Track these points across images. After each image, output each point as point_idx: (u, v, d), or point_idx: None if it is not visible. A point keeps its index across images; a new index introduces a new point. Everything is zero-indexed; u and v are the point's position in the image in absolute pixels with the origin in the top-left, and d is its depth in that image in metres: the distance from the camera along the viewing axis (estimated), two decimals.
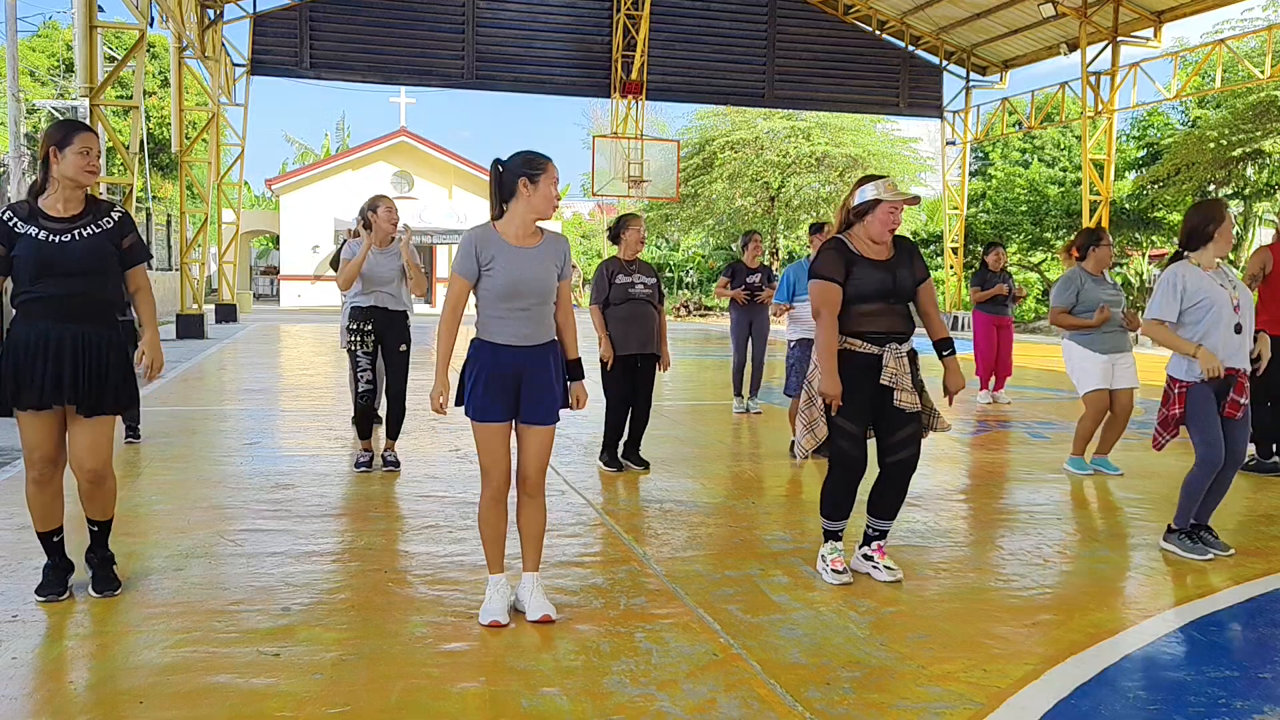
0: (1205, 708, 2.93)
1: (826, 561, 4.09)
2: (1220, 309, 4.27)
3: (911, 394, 3.89)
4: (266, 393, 9.93)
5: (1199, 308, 4.30)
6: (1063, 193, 30.38)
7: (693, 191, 32.63)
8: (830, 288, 3.92)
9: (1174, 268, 4.39)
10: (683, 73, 23.73)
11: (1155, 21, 20.18)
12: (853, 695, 2.96)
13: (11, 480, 5.71)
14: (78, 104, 22.96)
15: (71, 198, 3.63)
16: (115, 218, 3.70)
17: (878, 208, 3.94)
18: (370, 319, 5.99)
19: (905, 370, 3.90)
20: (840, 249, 3.97)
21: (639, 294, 6.04)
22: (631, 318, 6.01)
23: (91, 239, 3.60)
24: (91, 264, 3.58)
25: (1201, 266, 4.39)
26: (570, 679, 3.04)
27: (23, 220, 3.56)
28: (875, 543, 4.14)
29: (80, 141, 3.57)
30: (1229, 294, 4.31)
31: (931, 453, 7.37)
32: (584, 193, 37.00)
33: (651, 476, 6.17)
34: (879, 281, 3.92)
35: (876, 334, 3.92)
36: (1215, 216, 4.37)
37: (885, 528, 4.13)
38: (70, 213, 3.62)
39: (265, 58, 21.93)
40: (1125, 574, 4.31)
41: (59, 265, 3.52)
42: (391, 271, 5.97)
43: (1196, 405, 4.33)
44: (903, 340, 3.97)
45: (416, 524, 4.85)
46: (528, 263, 3.44)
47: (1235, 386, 4.32)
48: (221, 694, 2.89)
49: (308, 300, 33.08)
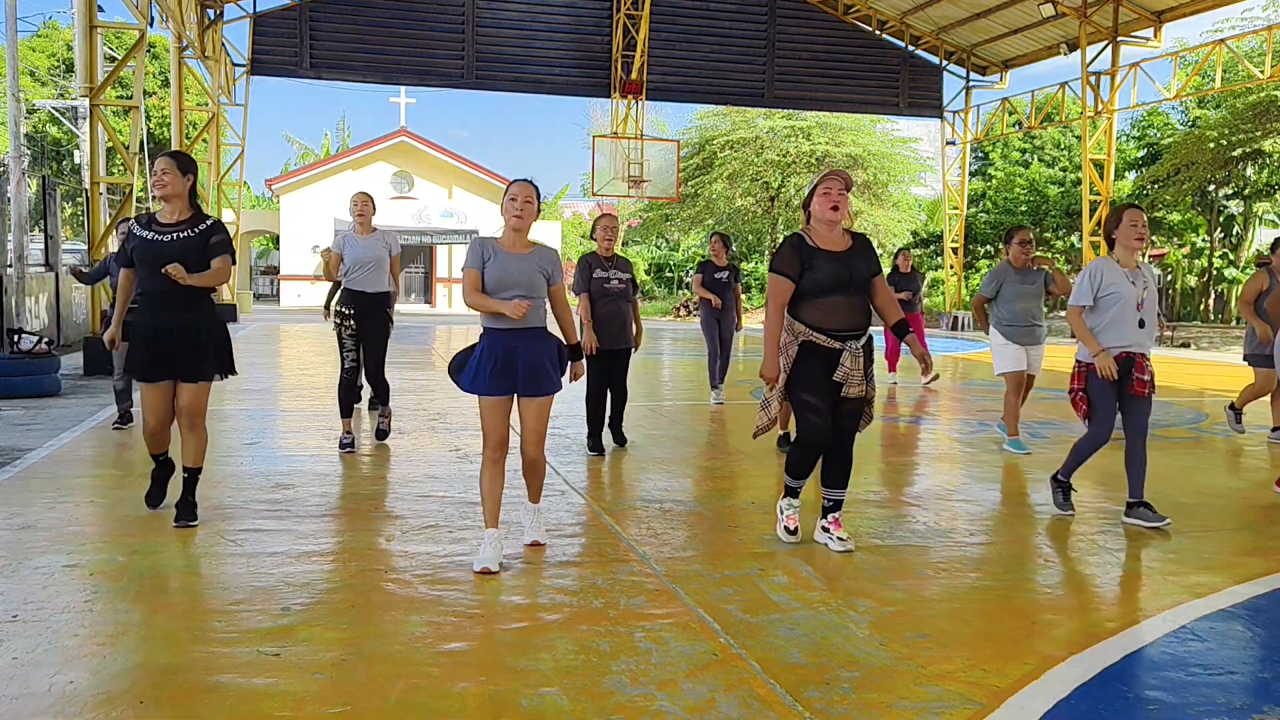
0: (1205, 708, 2.93)
1: (783, 516, 4.64)
2: (1126, 302, 4.91)
3: (859, 388, 4.34)
4: (266, 393, 9.93)
5: (1109, 298, 4.93)
6: (1063, 193, 30.40)
7: (693, 191, 32.63)
8: (783, 282, 4.35)
9: (1096, 261, 5.05)
10: (683, 73, 23.74)
11: (1155, 21, 20.20)
12: (852, 695, 2.96)
13: (12, 480, 5.72)
14: (78, 104, 22.98)
15: (174, 207, 4.63)
16: (208, 223, 4.65)
17: (815, 192, 4.40)
18: (353, 305, 6.71)
19: (859, 367, 4.33)
20: (798, 244, 4.37)
21: (614, 290, 6.64)
22: (608, 315, 6.63)
23: (186, 240, 4.57)
24: (186, 262, 4.49)
25: (1120, 263, 4.98)
26: (570, 679, 3.04)
27: (141, 226, 4.64)
28: (831, 515, 4.57)
29: (156, 166, 4.63)
30: (1138, 292, 4.92)
31: (932, 452, 7.38)
32: (584, 193, 37.04)
33: (651, 476, 6.18)
34: (835, 273, 4.29)
35: (837, 331, 4.32)
36: (1115, 222, 5.00)
37: (838, 498, 4.57)
38: (175, 219, 4.63)
39: (265, 58, 21.95)
40: (1125, 574, 4.31)
41: (160, 261, 4.46)
42: (372, 256, 6.71)
43: (1095, 386, 4.99)
44: (859, 336, 4.37)
45: (416, 524, 4.85)
46: (515, 264, 4.13)
47: (1136, 366, 4.94)
48: (221, 694, 2.89)
49: (308, 300, 33.05)
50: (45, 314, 14.11)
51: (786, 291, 4.34)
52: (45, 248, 15.04)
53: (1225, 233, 27.54)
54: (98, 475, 5.97)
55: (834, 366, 4.30)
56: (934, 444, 7.70)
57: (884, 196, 32.45)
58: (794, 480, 4.59)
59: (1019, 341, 7.15)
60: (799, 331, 4.35)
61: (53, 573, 3.94)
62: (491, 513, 4.12)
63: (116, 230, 8.03)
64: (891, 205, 32.79)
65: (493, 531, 4.12)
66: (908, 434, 8.17)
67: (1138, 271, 4.97)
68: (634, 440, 7.46)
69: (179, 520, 4.66)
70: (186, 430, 4.70)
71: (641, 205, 36.55)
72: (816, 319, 4.30)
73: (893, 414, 9.34)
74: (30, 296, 13.40)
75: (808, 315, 4.32)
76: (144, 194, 24.88)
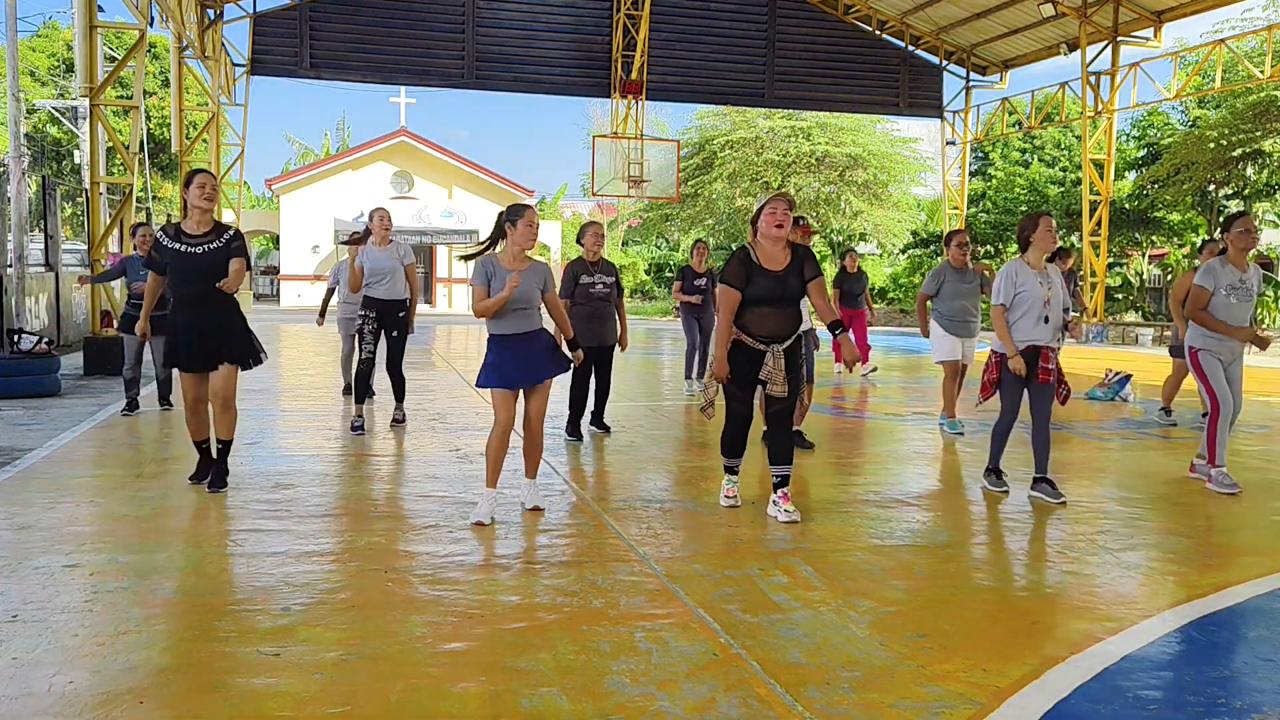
0: (1205, 708, 2.93)
1: (723, 490, 5.35)
2: (1034, 301, 5.47)
3: (781, 386, 4.97)
4: (266, 393, 9.93)
5: (1021, 298, 5.49)
6: (1063, 193, 30.37)
7: (693, 191, 32.62)
8: (731, 293, 4.94)
9: (1010, 264, 5.61)
10: (683, 73, 23.72)
11: (1155, 21, 20.19)
12: (852, 695, 2.96)
13: (12, 480, 5.72)
14: (78, 104, 22.96)
15: (201, 220, 5.27)
16: (231, 233, 5.33)
17: (763, 211, 4.96)
18: (375, 308, 7.48)
19: (780, 367, 4.97)
20: (745, 259, 4.96)
21: (598, 293, 7.22)
22: (592, 316, 7.22)
23: (216, 251, 5.25)
24: (216, 270, 5.22)
25: (1031, 265, 5.54)
26: (570, 679, 3.04)
27: (170, 238, 5.24)
28: (780, 490, 5.11)
29: (196, 181, 5.25)
30: (1044, 292, 5.47)
31: (932, 452, 7.37)
32: (584, 193, 37.04)
33: (651, 476, 6.19)
34: (769, 289, 4.92)
35: (763, 336, 4.97)
36: (1030, 227, 5.54)
37: (784, 473, 5.11)
38: (201, 231, 5.26)
39: (265, 58, 21.93)
40: (1125, 574, 4.31)
41: (192, 270, 5.19)
42: (387, 267, 7.45)
43: (1007, 376, 5.57)
44: (784, 341, 5.00)
45: (416, 524, 4.85)
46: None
47: (1042, 357, 5.47)
48: (222, 694, 2.89)
49: (308, 300, 33.01)
50: (45, 314, 14.11)
51: (735, 300, 4.94)
52: (45, 248, 15.03)
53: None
54: (98, 475, 5.97)
55: (759, 365, 4.96)
56: (934, 444, 7.70)
57: (884, 196, 32.44)
58: (728, 459, 5.30)
59: (955, 334, 7.99)
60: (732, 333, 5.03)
61: (53, 573, 3.94)
62: (493, 475, 4.94)
63: (133, 235, 8.65)
64: (891, 205, 32.79)
65: (491, 492, 4.94)
66: (908, 434, 8.17)
67: (1045, 273, 5.55)
68: (634, 440, 7.46)
69: (213, 486, 5.39)
70: (220, 411, 5.40)
71: (641, 205, 36.55)
72: (746, 323, 4.98)
73: (893, 414, 9.34)
74: (30, 296, 13.40)
75: (740, 320, 4.98)
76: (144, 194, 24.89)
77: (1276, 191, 25.34)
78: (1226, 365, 5.94)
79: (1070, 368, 14.68)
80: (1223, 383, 5.90)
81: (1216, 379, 5.88)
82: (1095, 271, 21.75)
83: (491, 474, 4.94)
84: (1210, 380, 5.90)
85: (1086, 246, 21.94)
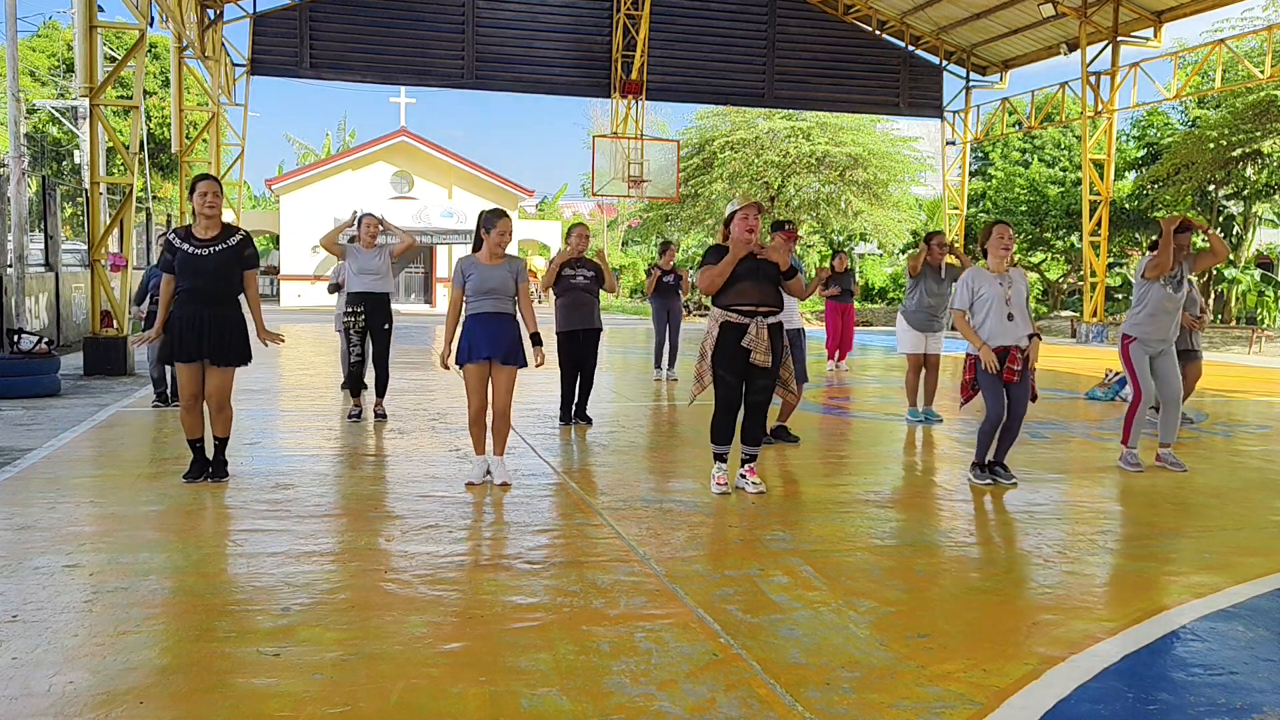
0: (1205, 708, 2.93)
1: (713, 478, 5.64)
2: (994, 301, 5.75)
3: (765, 355, 5.32)
4: (266, 393, 9.93)
5: (981, 300, 5.81)
6: (1063, 192, 30.37)
7: (693, 191, 32.57)
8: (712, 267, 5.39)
9: (969, 270, 5.96)
10: (683, 73, 23.69)
11: (1155, 21, 20.18)
12: (852, 695, 2.96)
13: (12, 480, 5.72)
14: (78, 104, 22.96)
15: (209, 226, 5.52)
16: (239, 238, 5.58)
17: (736, 217, 5.40)
18: (361, 304, 7.90)
19: (764, 338, 5.33)
20: (720, 248, 5.45)
21: (579, 284, 8.04)
22: (575, 304, 7.98)
23: (221, 253, 5.50)
24: (221, 270, 5.48)
25: (990, 270, 5.86)
26: (570, 679, 3.04)
27: (181, 240, 5.51)
28: (747, 465, 5.68)
29: (199, 190, 5.44)
30: (1003, 291, 5.76)
31: (931, 452, 7.37)
32: (584, 193, 37.00)
33: (651, 476, 6.19)
34: (745, 268, 5.35)
35: (746, 308, 5.35)
36: (984, 236, 5.95)
37: (752, 452, 5.68)
38: (209, 235, 5.51)
39: (265, 58, 21.92)
40: (1125, 574, 4.31)
41: (200, 270, 5.43)
42: (373, 266, 7.92)
43: (982, 374, 5.78)
44: (769, 315, 5.38)
45: (416, 524, 4.85)
46: (492, 273, 5.63)
47: (1010, 358, 5.72)
48: (222, 694, 2.89)
49: (308, 300, 33.03)
50: (45, 314, 14.11)
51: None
52: (45, 248, 15.02)
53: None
54: (97, 475, 5.97)
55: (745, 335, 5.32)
56: (934, 444, 7.70)
57: (884, 196, 32.40)
58: (719, 447, 5.63)
59: (919, 329, 8.57)
60: (718, 315, 5.43)
61: (53, 573, 3.94)
62: (478, 446, 5.79)
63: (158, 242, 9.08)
64: (891, 205, 32.74)
65: (480, 457, 5.78)
66: (907, 433, 8.17)
67: (1005, 275, 5.84)
68: (633, 440, 7.46)
69: (214, 478, 5.66)
70: (215, 411, 5.63)
71: (641, 205, 36.51)
72: (730, 300, 5.39)
73: (893, 414, 9.34)
74: (30, 297, 13.40)
75: (724, 299, 5.41)
76: (144, 194, 24.88)
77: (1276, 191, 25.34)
78: (1154, 357, 6.49)
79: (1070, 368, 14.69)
80: (1147, 374, 6.46)
81: (1142, 370, 6.47)
82: (1095, 271, 21.74)
83: (477, 446, 5.78)
84: (1136, 370, 6.49)
85: (1086, 246, 21.93)
